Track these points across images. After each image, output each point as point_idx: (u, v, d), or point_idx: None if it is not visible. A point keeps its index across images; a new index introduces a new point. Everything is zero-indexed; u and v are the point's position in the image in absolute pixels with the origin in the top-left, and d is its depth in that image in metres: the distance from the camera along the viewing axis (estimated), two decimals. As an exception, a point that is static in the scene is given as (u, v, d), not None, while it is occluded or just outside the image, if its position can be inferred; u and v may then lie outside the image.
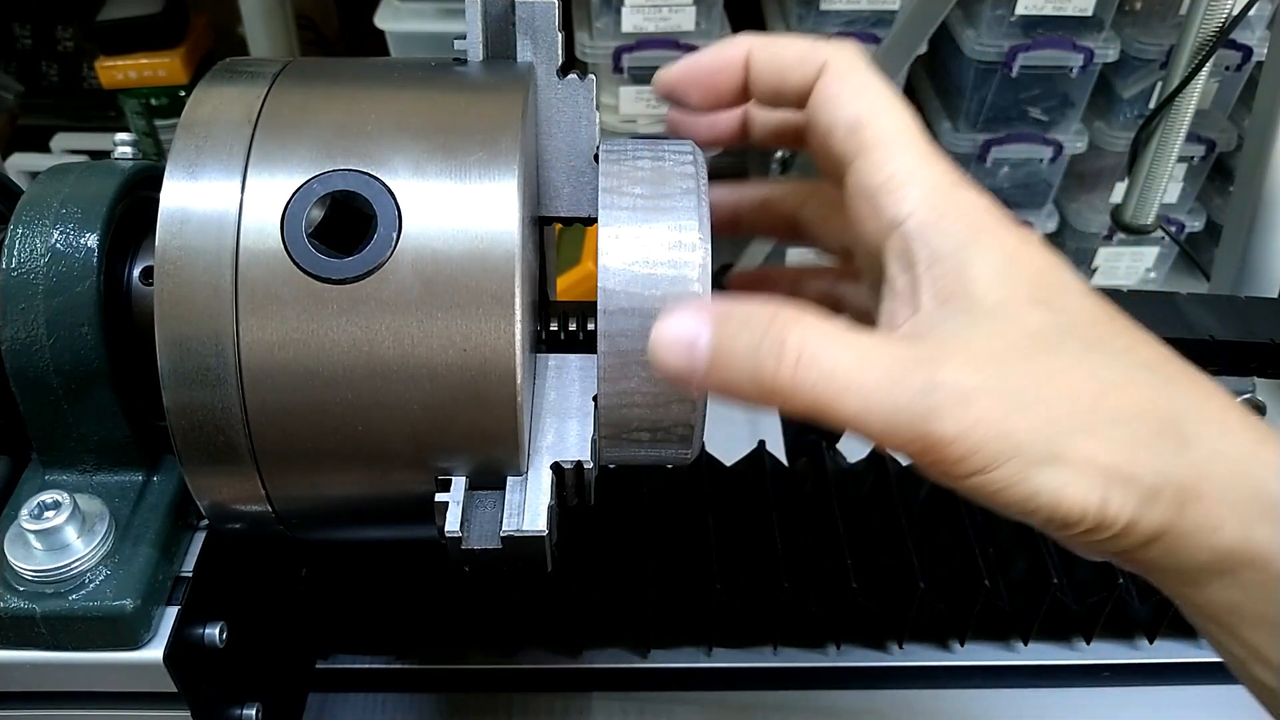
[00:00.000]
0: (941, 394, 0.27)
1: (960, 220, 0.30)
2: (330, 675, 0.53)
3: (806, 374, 0.28)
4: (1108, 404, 0.28)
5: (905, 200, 0.30)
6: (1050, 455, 0.28)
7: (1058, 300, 0.30)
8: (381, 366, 0.31)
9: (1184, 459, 0.28)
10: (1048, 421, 0.28)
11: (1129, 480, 0.28)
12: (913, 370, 0.28)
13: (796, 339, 0.28)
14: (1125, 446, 0.28)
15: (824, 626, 0.54)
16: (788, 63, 0.33)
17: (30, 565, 0.34)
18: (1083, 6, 0.98)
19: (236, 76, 0.34)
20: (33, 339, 0.34)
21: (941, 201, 0.30)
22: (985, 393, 0.28)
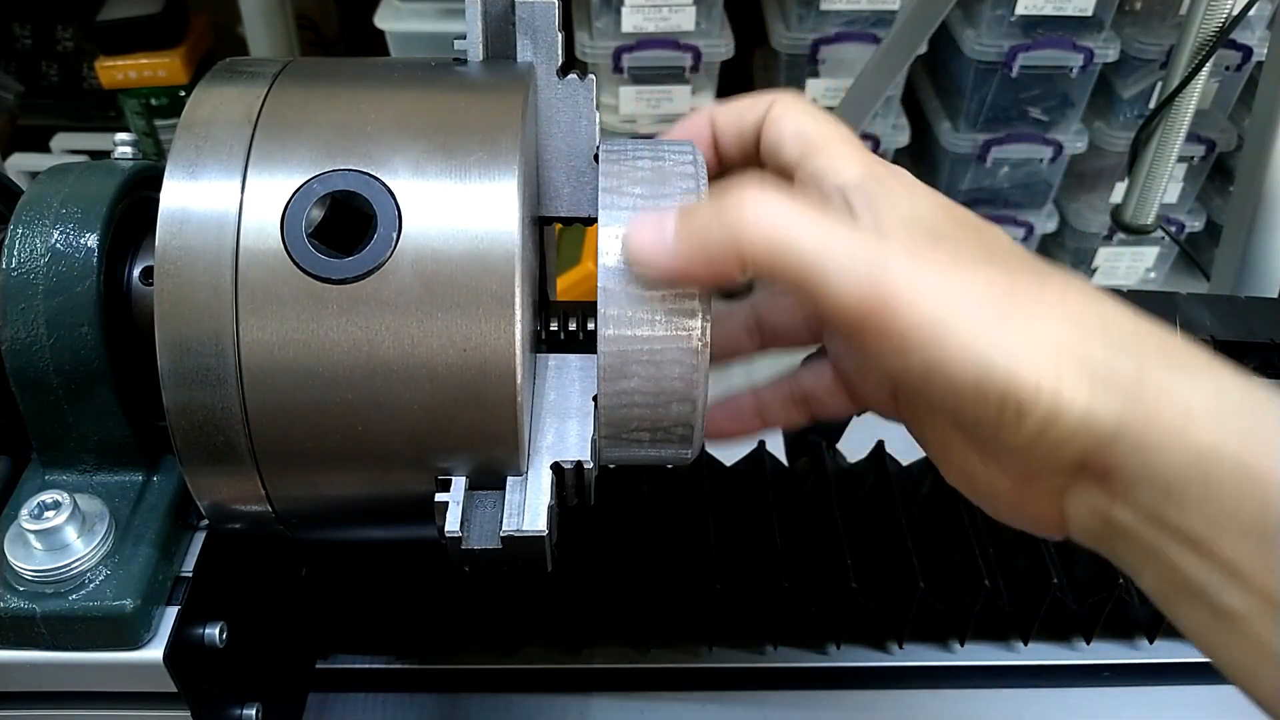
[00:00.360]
0: (898, 257, 0.29)
1: (893, 179, 0.33)
2: (330, 675, 0.53)
3: (766, 215, 0.30)
4: (1050, 296, 0.30)
5: (845, 170, 0.34)
6: (1003, 326, 0.29)
7: (988, 235, 0.33)
8: (381, 366, 0.31)
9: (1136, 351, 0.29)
10: (998, 298, 0.29)
11: (1082, 356, 0.28)
12: (870, 238, 0.31)
13: (755, 190, 0.31)
14: (1075, 331, 0.29)
15: (824, 626, 0.54)
16: (742, 109, 0.37)
17: (30, 565, 0.34)
18: (1083, 6, 0.98)
19: (236, 76, 0.34)
20: (33, 339, 0.34)
21: (876, 170, 0.34)
22: (936, 265, 0.30)
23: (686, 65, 1.00)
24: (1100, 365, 0.28)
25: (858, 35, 1.02)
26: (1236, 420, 0.28)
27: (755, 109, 0.37)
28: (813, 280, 0.30)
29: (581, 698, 0.53)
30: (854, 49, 1.02)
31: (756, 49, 1.14)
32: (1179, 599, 0.30)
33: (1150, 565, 0.30)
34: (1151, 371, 0.28)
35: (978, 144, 1.08)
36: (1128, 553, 0.31)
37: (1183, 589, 0.29)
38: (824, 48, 1.02)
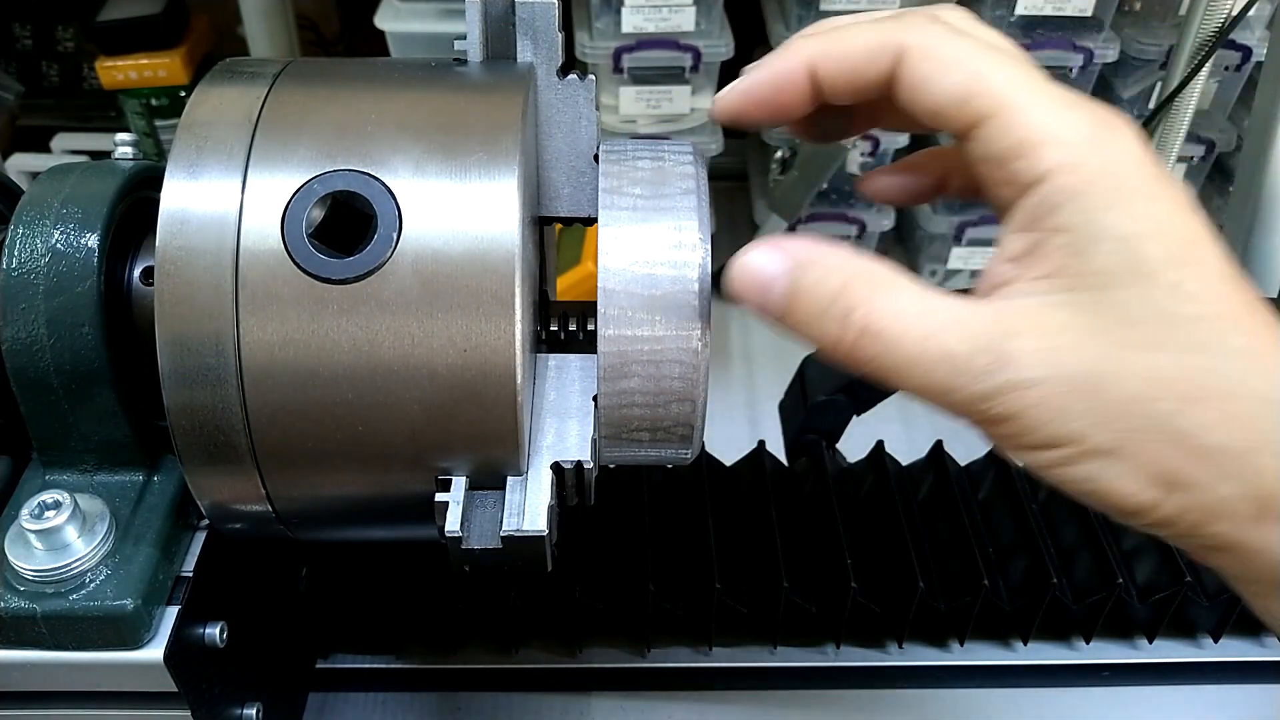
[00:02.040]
0: (1005, 377, 0.27)
1: (1100, 180, 0.27)
2: (330, 675, 0.53)
3: (869, 346, 0.28)
4: (1196, 411, 0.26)
5: (1040, 162, 0.27)
6: (1109, 449, 0.27)
7: (1188, 282, 0.27)
8: (381, 366, 0.31)
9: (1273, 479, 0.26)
10: (1118, 416, 0.26)
11: (1195, 490, 0.27)
12: (981, 350, 0.27)
13: (864, 308, 0.28)
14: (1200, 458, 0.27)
15: (824, 626, 0.54)
16: (858, 62, 0.30)
17: (31, 565, 0.34)
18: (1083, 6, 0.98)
19: (236, 76, 0.34)
20: (33, 339, 0.34)
21: (1081, 159, 0.27)
22: (1054, 379, 0.27)
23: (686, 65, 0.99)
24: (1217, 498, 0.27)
25: (858, 35, 1.02)
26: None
27: (876, 64, 0.30)
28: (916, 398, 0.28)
29: (581, 698, 0.53)
30: (854, 49, 1.02)
31: (756, 49, 1.14)
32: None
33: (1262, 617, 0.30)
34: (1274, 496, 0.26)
35: (978, 144, 1.08)
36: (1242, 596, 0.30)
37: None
38: (824, 48, 1.02)
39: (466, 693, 0.53)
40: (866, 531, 0.53)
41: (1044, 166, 0.27)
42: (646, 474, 0.55)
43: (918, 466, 0.58)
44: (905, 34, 0.29)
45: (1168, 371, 0.26)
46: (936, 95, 0.29)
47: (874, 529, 0.54)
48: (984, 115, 0.28)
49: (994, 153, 0.28)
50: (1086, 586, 0.52)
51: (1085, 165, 0.27)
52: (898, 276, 0.28)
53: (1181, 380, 0.26)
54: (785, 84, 0.31)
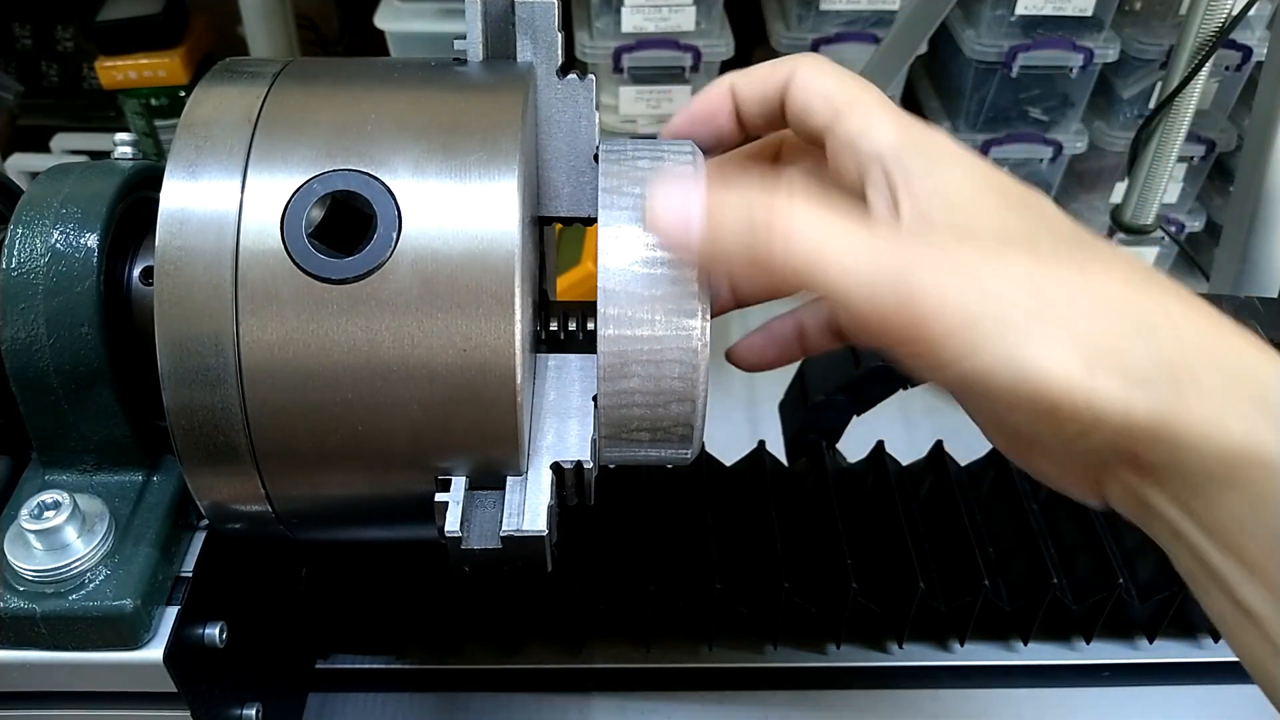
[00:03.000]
0: (924, 265, 0.29)
1: (931, 144, 0.32)
2: (330, 675, 0.53)
3: (797, 238, 0.29)
4: (1091, 288, 0.29)
5: (880, 136, 0.33)
6: (1034, 332, 0.28)
7: (1033, 207, 0.32)
8: (381, 366, 0.31)
9: (1178, 346, 0.28)
10: (1031, 299, 0.28)
11: (1118, 357, 0.28)
12: (896, 247, 0.29)
13: (785, 203, 0.30)
14: (1112, 325, 0.28)
15: (824, 626, 0.54)
16: (763, 75, 0.36)
17: (30, 565, 0.34)
18: (1083, 6, 0.98)
19: (236, 76, 0.34)
20: (33, 339, 0.34)
21: (912, 134, 0.33)
22: (966, 268, 0.29)
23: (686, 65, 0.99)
24: (1138, 365, 0.28)
25: (858, 35, 1.02)
26: (1269, 423, 0.27)
27: (776, 75, 0.36)
28: (840, 303, 0.29)
29: (581, 697, 0.53)
30: (854, 49, 1.02)
31: (756, 49, 1.14)
32: (1205, 585, 0.30)
33: (1180, 547, 0.30)
34: (1193, 367, 0.28)
35: (978, 144, 1.07)
36: (1161, 532, 0.31)
37: (1209, 577, 0.30)
38: (824, 48, 1.02)
39: (467, 693, 0.53)
40: (866, 531, 0.53)
41: (883, 140, 0.33)
42: (646, 474, 0.55)
43: (918, 466, 0.58)
44: (799, 60, 0.36)
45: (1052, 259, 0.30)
46: (809, 93, 0.35)
47: (874, 529, 0.54)
48: (837, 111, 0.34)
49: (843, 139, 0.33)
50: (1086, 586, 0.52)
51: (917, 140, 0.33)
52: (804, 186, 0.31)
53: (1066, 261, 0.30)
54: (715, 106, 0.37)
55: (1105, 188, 1.14)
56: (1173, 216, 1.15)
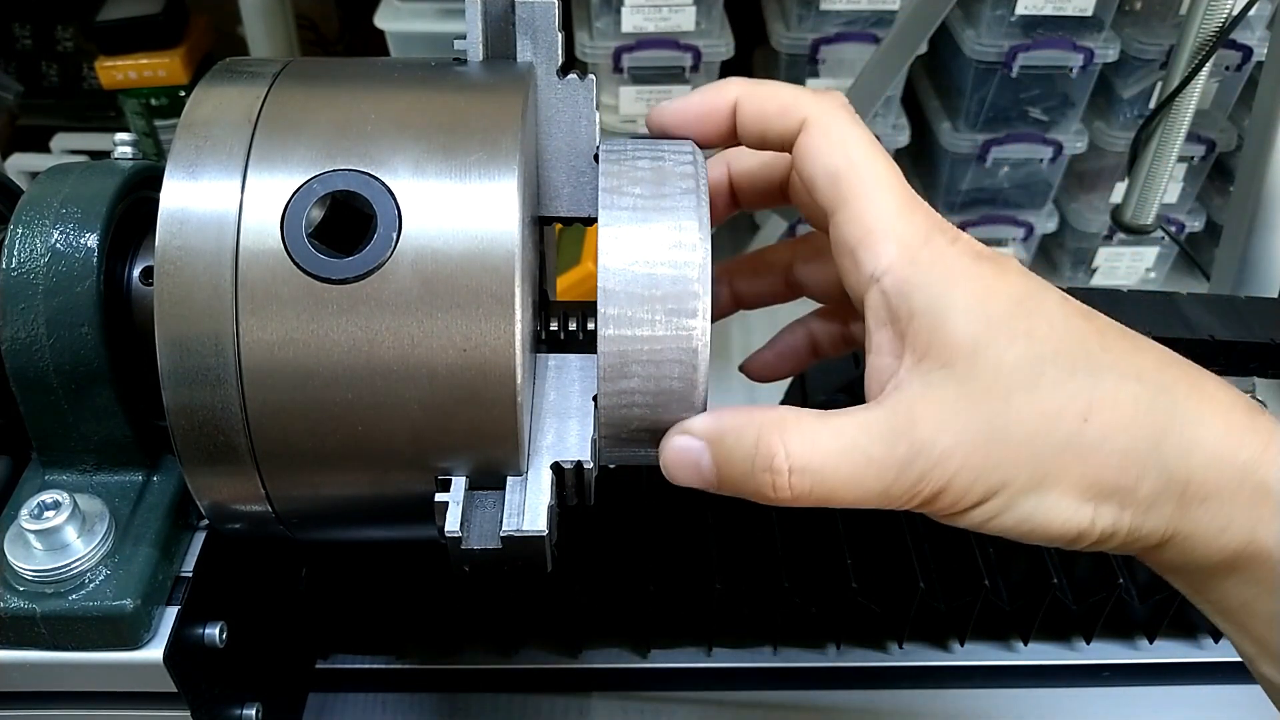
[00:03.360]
0: (923, 459, 0.30)
1: (934, 269, 0.31)
2: (330, 675, 0.53)
3: (801, 482, 0.31)
4: (1094, 424, 0.30)
5: (881, 256, 0.31)
6: (1034, 483, 0.30)
7: (1038, 328, 0.31)
8: (381, 366, 0.31)
9: (1185, 466, 0.30)
10: (1030, 452, 0.30)
11: (1124, 495, 0.30)
12: (894, 444, 0.30)
13: (782, 452, 0.31)
14: (1117, 464, 0.30)
15: (824, 626, 0.54)
16: (771, 114, 0.34)
17: (30, 565, 0.34)
18: (1083, 6, 0.98)
19: (236, 76, 0.34)
20: (33, 339, 0.34)
21: (916, 254, 0.31)
22: (964, 443, 0.30)
23: (686, 65, 1.00)
24: (1145, 495, 0.30)
25: (858, 35, 1.02)
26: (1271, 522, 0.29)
27: (784, 121, 0.33)
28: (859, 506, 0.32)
29: (581, 698, 0.53)
30: (854, 49, 1.02)
31: (756, 49, 1.14)
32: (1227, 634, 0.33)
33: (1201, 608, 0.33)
34: (1198, 483, 0.30)
35: (978, 144, 1.08)
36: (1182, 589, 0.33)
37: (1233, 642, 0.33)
38: (824, 48, 1.02)
39: (466, 693, 0.53)
40: (866, 531, 0.53)
41: (885, 261, 0.31)
42: (646, 474, 0.55)
43: (918, 466, 0.58)
44: (813, 105, 0.33)
45: (1055, 402, 0.30)
46: (816, 168, 0.32)
47: (874, 529, 0.54)
48: (842, 200, 0.32)
49: (845, 239, 0.32)
50: (1086, 586, 0.52)
51: (920, 259, 0.31)
52: (800, 413, 0.31)
53: (1069, 405, 0.30)
54: (713, 110, 0.35)
55: (1105, 188, 1.14)
56: (1173, 216, 1.15)
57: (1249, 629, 0.31)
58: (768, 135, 0.34)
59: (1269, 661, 0.31)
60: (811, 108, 0.33)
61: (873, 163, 0.32)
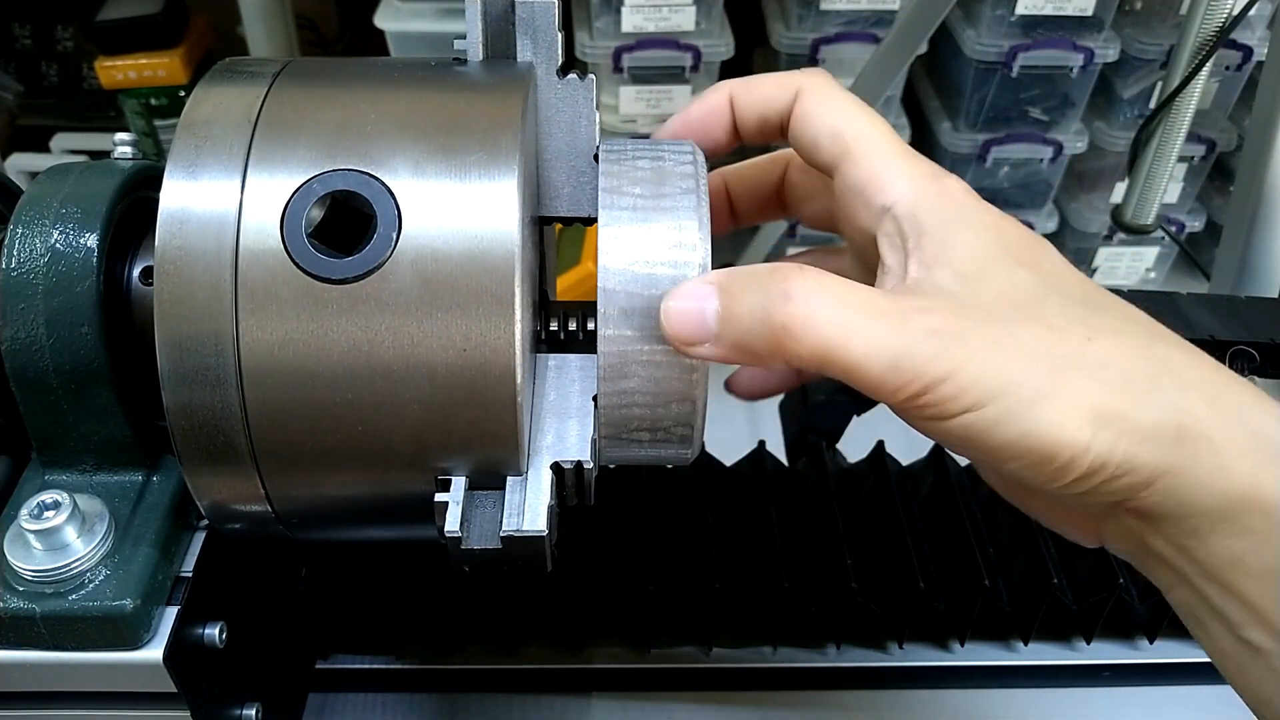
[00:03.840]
0: (938, 336, 0.29)
1: (942, 200, 0.32)
2: (330, 675, 0.53)
3: (812, 319, 0.29)
4: (1098, 348, 0.30)
5: (891, 189, 0.33)
6: (1040, 393, 0.29)
7: (1042, 264, 0.32)
8: (381, 366, 0.31)
9: (1182, 402, 0.29)
10: (1037, 361, 0.29)
11: (1122, 419, 0.29)
12: (911, 316, 0.30)
13: (800, 288, 0.30)
14: (1118, 387, 0.29)
15: (824, 626, 0.54)
16: (767, 94, 0.35)
17: (30, 565, 0.34)
18: (1083, 6, 0.98)
19: (236, 76, 0.34)
20: (33, 339, 0.34)
21: (925, 186, 0.33)
22: (977, 333, 0.29)
23: (686, 65, 1.00)
24: (1143, 423, 0.29)
25: (858, 35, 1.02)
26: (1270, 468, 0.29)
27: (780, 96, 0.35)
28: (859, 382, 0.30)
29: (581, 698, 0.53)
30: (854, 49, 1.02)
31: (756, 49, 1.14)
32: (1206, 622, 0.31)
33: (1180, 588, 0.31)
34: (1193, 420, 0.29)
35: (978, 144, 1.08)
36: (1160, 573, 0.32)
37: (1209, 614, 0.31)
38: (824, 48, 1.02)
39: (467, 693, 0.53)
40: (866, 531, 0.53)
41: (895, 194, 0.32)
42: (646, 474, 0.55)
43: (918, 466, 0.58)
44: (804, 78, 0.35)
45: (1059, 321, 0.30)
46: (817, 128, 0.34)
47: (874, 529, 0.54)
48: (847, 151, 0.33)
49: (852, 184, 0.33)
50: (1087, 586, 0.52)
51: (929, 192, 0.32)
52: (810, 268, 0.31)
53: (1073, 327, 0.30)
54: (711, 111, 0.37)
55: (1105, 188, 1.14)
56: (1173, 216, 1.15)
57: (1238, 589, 0.29)
58: (767, 115, 0.36)
59: (1258, 625, 0.29)
60: (803, 79, 0.35)
61: (871, 119, 0.34)
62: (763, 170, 0.39)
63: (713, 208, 0.38)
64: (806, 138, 0.34)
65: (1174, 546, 0.30)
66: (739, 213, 0.41)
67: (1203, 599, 0.31)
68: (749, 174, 0.39)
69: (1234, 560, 0.29)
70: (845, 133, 0.33)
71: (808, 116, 0.34)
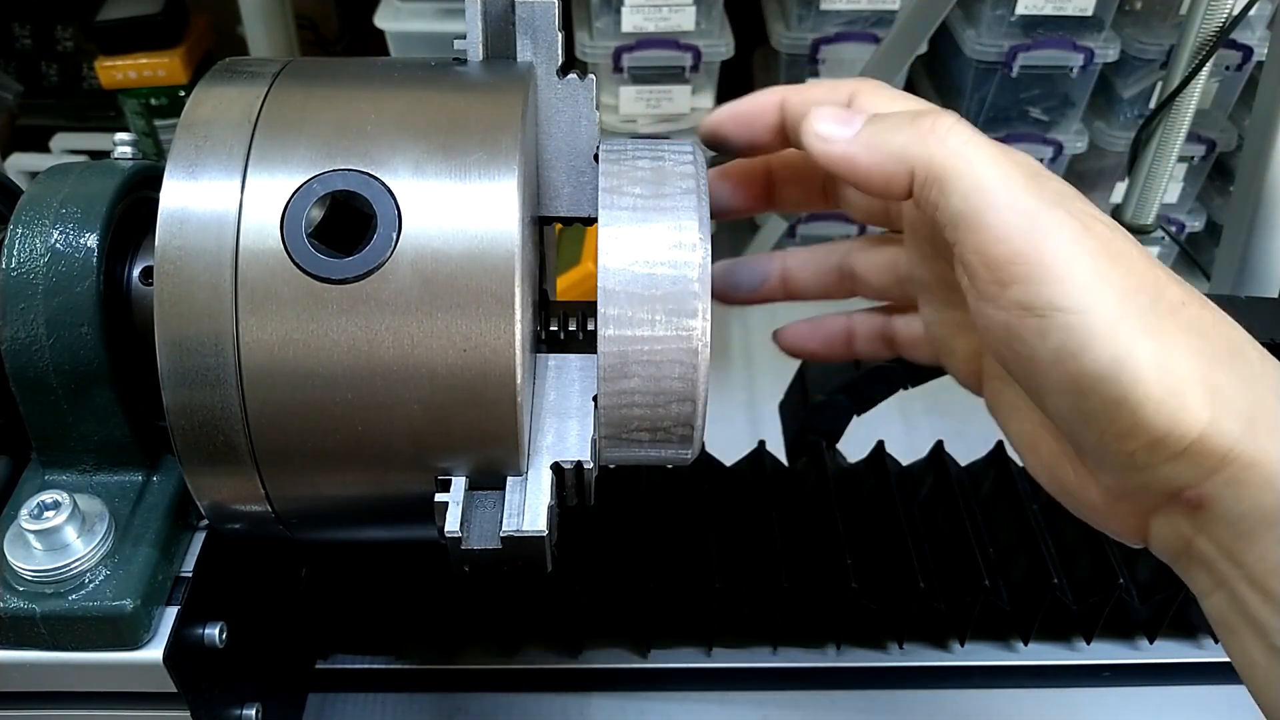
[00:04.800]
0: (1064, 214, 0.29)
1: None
2: (330, 675, 0.53)
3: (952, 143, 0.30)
4: (1191, 313, 0.29)
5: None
6: (1145, 327, 0.28)
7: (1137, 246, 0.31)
8: (381, 366, 0.31)
9: (1255, 390, 0.28)
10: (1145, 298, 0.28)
11: (1210, 381, 0.28)
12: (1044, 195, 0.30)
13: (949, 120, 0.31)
14: (1206, 354, 0.28)
15: (824, 626, 0.54)
16: (819, 96, 0.35)
17: (30, 565, 0.34)
18: (1083, 6, 0.98)
19: (236, 76, 0.34)
20: (33, 339, 0.34)
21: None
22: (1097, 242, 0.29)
23: (686, 65, 0.99)
24: (1225, 394, 0.28)
25: (858, 35, 1.02)
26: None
27: (835, 95, 0.35)
28: (975, 216, 0.29)
29: (581, 698, 0.53)
30: (854, 49, 1.02)
31: (757, 49, 1.14)
32: (1239, 631, 0.30)
33: (1219, 593, 0.30)
34: (1265, 411, 0.28)
35: (977, 144, 1.07)
36: (1200, 577, 0.31)
37: (1244, 622, 0.30)
38: (824, 48, 1.02)
39: (466, 693, 0.53)
40: (866, 531, 0.53)
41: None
42: (646, 474, 0.55)
43: (918, 466, 0.58)
44: (857, 83, 0.35)
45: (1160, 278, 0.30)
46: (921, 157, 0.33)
47: (874, 529, 0.54)
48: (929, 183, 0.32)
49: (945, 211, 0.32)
50: (1086, 586, 0.52)
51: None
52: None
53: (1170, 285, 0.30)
54: (762, 110, 0.36)
55: (1105, 188, 1.14)
56: (1173, 216, 1.15)
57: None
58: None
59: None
60: (857, 85, 0.35)
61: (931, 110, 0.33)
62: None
63: (748, 184, 0.38)
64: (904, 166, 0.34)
65: (1220, 548, 0.30)
66: (779, 198, 0.40)
67: (1240, 606, 0.30)
68: (795, 159, 0.38)
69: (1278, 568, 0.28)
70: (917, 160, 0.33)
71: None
